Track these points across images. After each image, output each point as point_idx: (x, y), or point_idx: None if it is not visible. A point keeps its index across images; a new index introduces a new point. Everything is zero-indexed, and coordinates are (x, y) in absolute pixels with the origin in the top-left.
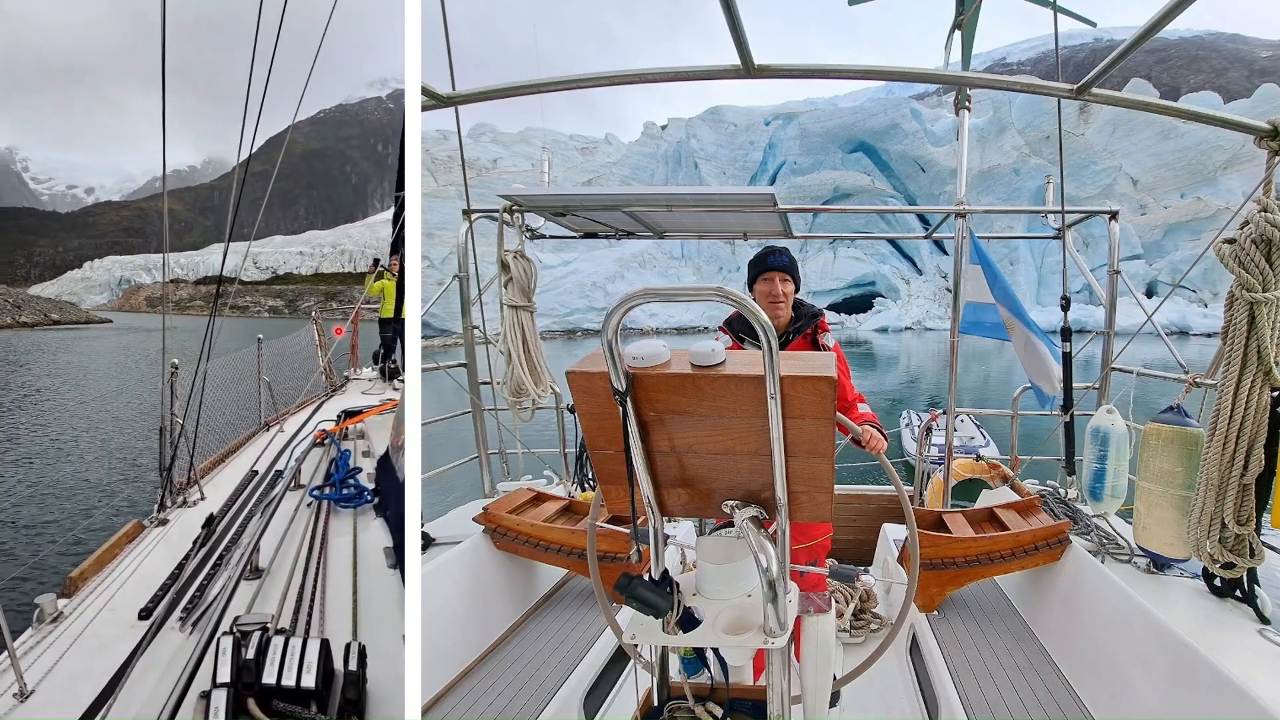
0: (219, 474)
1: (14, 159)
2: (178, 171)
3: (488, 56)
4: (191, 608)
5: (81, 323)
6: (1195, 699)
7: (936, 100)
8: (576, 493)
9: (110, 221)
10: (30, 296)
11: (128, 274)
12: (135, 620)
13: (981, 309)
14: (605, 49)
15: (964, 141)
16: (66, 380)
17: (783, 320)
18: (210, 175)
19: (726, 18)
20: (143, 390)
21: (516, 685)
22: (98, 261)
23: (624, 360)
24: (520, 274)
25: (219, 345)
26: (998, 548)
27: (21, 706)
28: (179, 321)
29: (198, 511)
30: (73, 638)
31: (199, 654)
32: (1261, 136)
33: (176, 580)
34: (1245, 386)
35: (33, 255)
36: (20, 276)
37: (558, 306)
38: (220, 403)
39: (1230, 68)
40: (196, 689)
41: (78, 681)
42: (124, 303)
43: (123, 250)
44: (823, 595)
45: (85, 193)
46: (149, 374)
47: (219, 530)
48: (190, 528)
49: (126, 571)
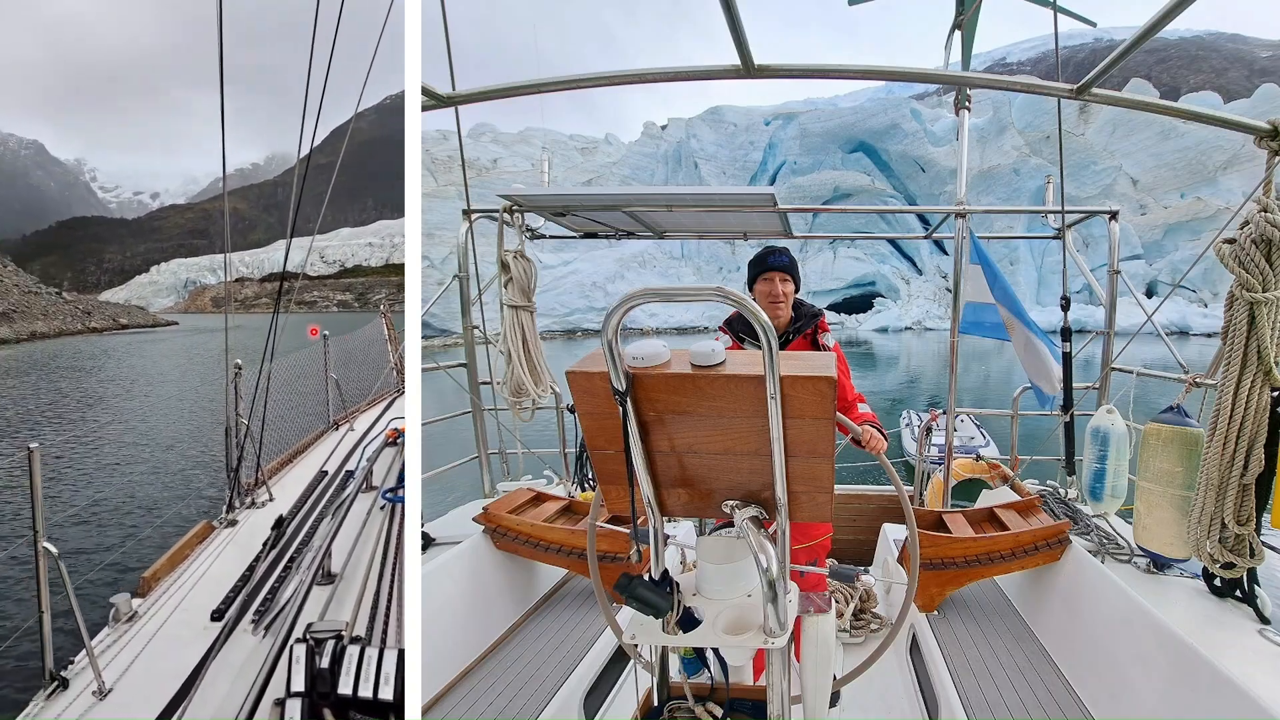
0: (287, 475)
1: (83, 170)
2: (240, 170)
3: (488, 56)
4: (263, 611)
5: (148, 326)
6: (1195, 699)
7: (936, 100)
8: (576, 493)
9: (176, 225)
10: (100, 302)
11: (193, 275)
12: (208, 622)
13: (981, 309)
14: (605, 49)
15: (964, 141)
16: (129, 384)
17: (783, 320)
18: (274, 171)
19: (726, 18)
20: (207, 391)
21: (516, 685)
22: (164, 265)
23: (624, 360)
24: (520, 274)
25: (285, 343)
26: (998, 548)
27: (100, 705)
28: (244, 320)
29: (266, 513)
30: (147, 638)
31: (273, 660)
32: (1261, 136)
33: (247, 583)
34: (1245, 386)
35: (102, 262)
36: (91, 283)
37: (558, 306)
38: (287, 402)
39: (1230, 68)
40: (270, 695)
41: (153, 681)
42: (190, 304)
43: (188, 252)
44: (823, 595)
45: (151, 198)
46: (213, 374)
47: (289, 533)
48: (259, 529)
49: (198, 572)
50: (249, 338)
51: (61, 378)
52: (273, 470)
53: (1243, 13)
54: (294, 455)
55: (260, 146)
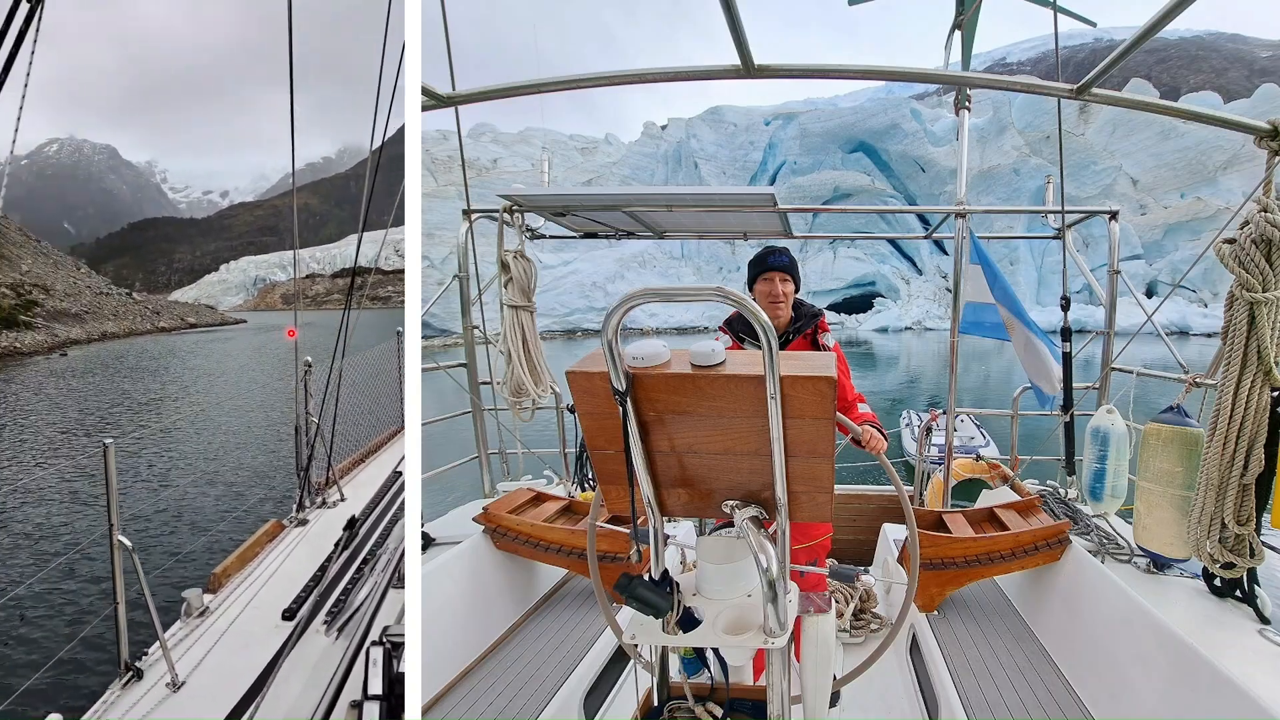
0: (359, 474)
1: (153, 172)
2: (311, 164)
3: (488, 56)
4: (337, 612)
5: (216, 324)
6: (1195, 699)
7: (936, 100)
8: (576, 493)
9: (245, 222)
10: (169, 302)
11: (262, 273)
12: (279, 620)
13: (981, 309)
14: (605, 49)
15: (964, 141)
16: (189, 384)
17: (783, 320)
18: (346, 165)
19: (726, 18)
20: (274, 391)
21: (516, 685)
22: (233, 263)
23: (624, 360)
24: (520, 274)
25: (357, 340)
26: (998, 548)
27: (174, 697)
28: (314, 317)
29: (338, 513)
30: (219, 633)
31: (348, 662)
32: (1261, 136)
33: (319, 583)
34: (1245, 386)
35: (172, 262)
36: (161, 284)
37: (558, 306)
38: (358, 400)
39: (1230, 68)
40: (346, 697)
41: (226, 677)
42: (260, 301)
43: (258, 250)
44: (823, 595)
45: (220, 196)
46: (281, 373)
47: (361, 533)
48: (331, 529)
49: (268, 570)
50: (319, 335)
51: (125, 377)
52: (344, 470)
53: (1243, 13)
54: (366, 455)
55: (332, 139)
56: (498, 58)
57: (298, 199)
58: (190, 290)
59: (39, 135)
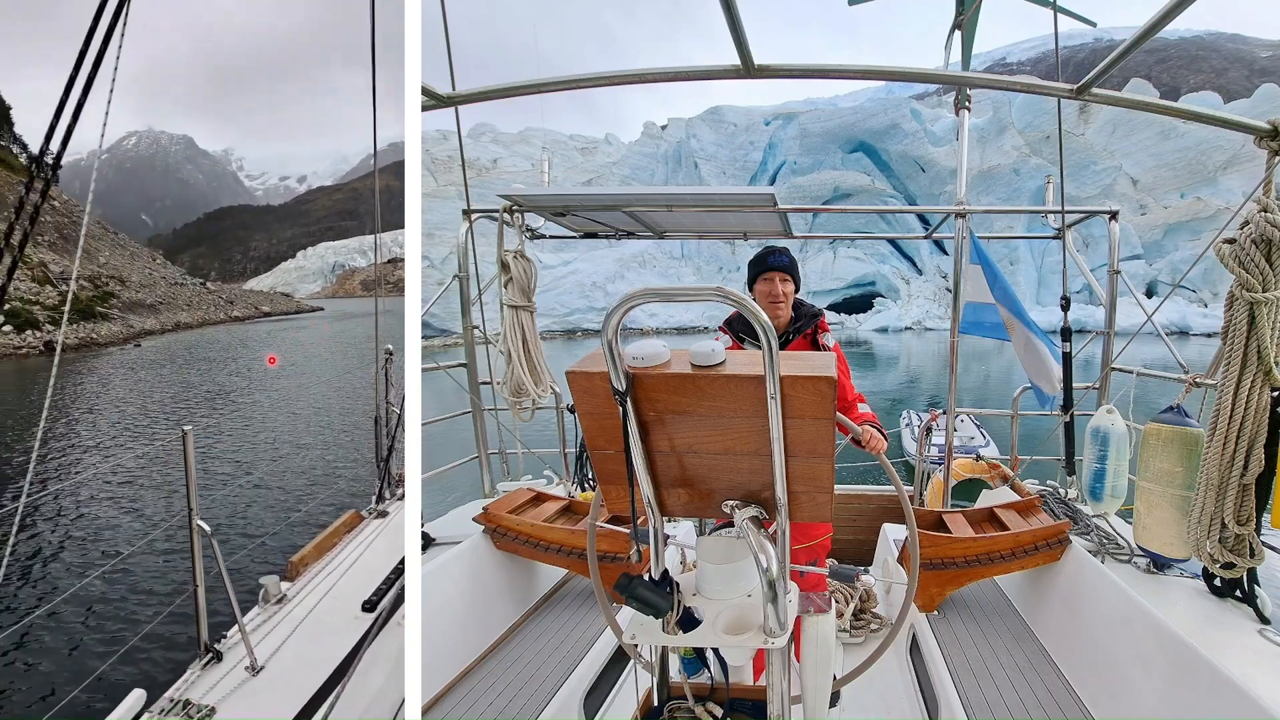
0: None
1: (230, 160)
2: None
3: (488, 56)
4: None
5: (292, 313)
6: (1195, 699)
7: (936, 100)
8: (576, 493)
9: (323, 207)
10: (243, 291)
11: (340, 259)
12: (358, 612)
13: (981, 309)
14: (605, 49)
15: (964, 141)
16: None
17: (783, 320)
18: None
19: (726, 18)
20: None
21: (516, 685)
22: (310, 249)
23: (624, 360)
24: (520, 274)
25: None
26: (998, 548)
27: (253, 680)
28: (394, 305)
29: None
30: (296, 621)
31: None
32: (1261, 136)
33: (400, 576)
34: (1245, 386)
35: (248, 250)
36: (237, 272)
37: (558, 306)
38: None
39: (1230, 68)
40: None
41: (304, 664)
42: (338, 288)
43: (336, 235)
44: (823, 595)
45: (298, 181)
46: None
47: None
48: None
49: (346, 561)
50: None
51: (192, 369)
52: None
53: (1243, 13)
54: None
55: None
56: (498, 58)
57: (380, 180)
58: (266, 278)
59: (118, 129)
